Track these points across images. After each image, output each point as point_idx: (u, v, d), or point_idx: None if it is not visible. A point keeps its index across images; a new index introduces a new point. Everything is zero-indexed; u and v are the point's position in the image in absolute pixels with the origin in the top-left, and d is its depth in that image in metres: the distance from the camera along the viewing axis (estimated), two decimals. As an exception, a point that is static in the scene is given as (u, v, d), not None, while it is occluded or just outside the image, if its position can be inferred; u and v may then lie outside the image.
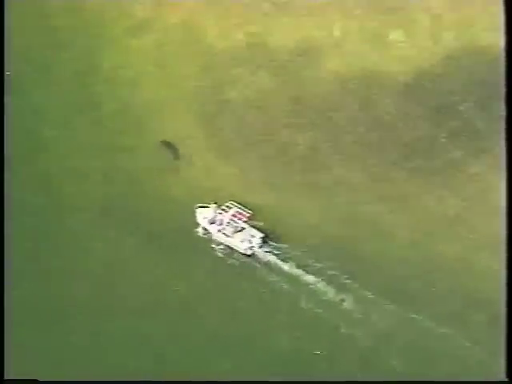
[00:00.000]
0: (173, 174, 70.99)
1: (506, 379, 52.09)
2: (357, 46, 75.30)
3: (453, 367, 57.04)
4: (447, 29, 74.06)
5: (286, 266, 64.72)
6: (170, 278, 64.62)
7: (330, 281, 63.07)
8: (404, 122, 70.57)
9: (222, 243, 67.62)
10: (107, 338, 61.20)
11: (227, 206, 69.08)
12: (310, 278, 63.59)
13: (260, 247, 66.79)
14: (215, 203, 68.51)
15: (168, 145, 72.36)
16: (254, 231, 67.70)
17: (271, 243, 66.53)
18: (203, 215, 68.57)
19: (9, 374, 53.82)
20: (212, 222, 68.35)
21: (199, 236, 67.59)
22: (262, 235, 67.23)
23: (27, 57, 78.42)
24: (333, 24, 76.37)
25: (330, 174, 69.54)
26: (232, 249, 67.00)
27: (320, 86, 73.73)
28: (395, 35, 74.94)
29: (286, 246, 65.90)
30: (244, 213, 68.66)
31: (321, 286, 63.20)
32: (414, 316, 59.96)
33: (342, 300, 61.91)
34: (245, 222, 68.13)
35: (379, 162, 69.33)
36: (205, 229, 68.31)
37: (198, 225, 67.83)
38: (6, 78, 74.42)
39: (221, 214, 68.39)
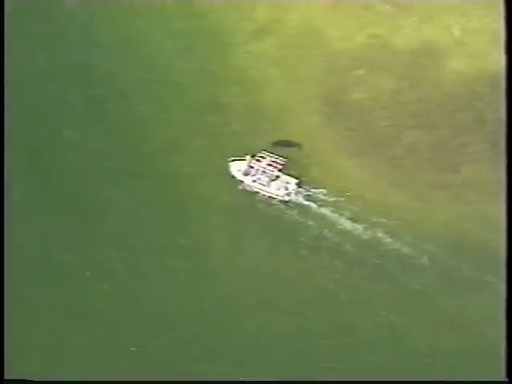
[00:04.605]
0: (306, 175, 72.26)
1: (506, 379, 53.29)
2: (478, 46, 76.40)
3: None
4: None
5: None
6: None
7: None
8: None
9: (258, 192, 70.17)
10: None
11: (261, 157, 71.23)
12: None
13: (296, 193, 69.38)
14: (252, 156, 70.87)
15: (284, 143, 73.57)
16: (289, 178, 70.24)
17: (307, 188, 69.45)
18: (237, 168, 70.84)
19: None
20: (246, 174, 70.64)
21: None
22: (296, 181, 69.87)
23: (151, 63, 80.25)
24: (453, 25, 77.51)
25: (458, 174, 70.94)
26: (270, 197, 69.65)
27: (444, 87, 75.07)
28: (517, 35, 75.73)
29: (324, 190, 69.15)
30: (278, 161, 70.89)
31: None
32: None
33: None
34: (279, 170, 70.32)
35: (508, 161, 70.24)
36: (240, 181, 70.57)
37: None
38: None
39: (254, 165, 70.52)
